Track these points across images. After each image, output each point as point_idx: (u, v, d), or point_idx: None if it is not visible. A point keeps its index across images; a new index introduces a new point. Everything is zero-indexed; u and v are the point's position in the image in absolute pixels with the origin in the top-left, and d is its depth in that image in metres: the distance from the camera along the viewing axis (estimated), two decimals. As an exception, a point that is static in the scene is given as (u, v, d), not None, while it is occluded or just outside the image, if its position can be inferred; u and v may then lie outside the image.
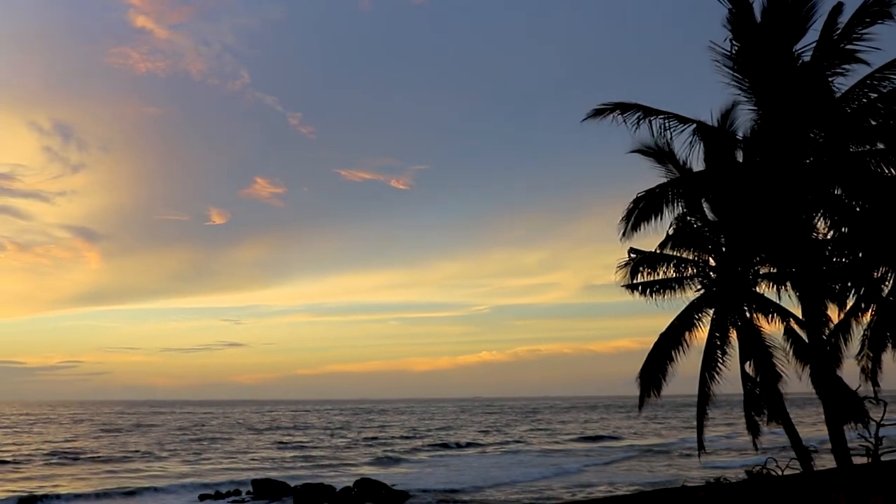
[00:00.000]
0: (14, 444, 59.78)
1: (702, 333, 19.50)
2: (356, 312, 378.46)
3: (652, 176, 18.96)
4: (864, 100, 14.84)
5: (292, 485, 32.48)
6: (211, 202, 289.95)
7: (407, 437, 70.14)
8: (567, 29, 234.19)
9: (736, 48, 14.91)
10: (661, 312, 19.99)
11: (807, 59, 14.85)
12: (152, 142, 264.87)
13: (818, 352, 15.93)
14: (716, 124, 17.11)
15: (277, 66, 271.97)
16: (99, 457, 47.05)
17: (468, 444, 60.49)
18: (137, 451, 51.54)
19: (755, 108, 15.68)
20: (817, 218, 15.77)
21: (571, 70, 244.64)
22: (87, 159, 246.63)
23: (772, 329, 19.47)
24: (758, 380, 19.15)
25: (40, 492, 31.88)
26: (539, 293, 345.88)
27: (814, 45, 14.74)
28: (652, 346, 19.78)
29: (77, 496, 31.05)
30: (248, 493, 32.07)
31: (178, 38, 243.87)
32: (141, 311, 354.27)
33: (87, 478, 37.75)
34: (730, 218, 18.28)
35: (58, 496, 30.75)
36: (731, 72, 15.26)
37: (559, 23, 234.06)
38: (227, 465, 44.67)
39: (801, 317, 17.50)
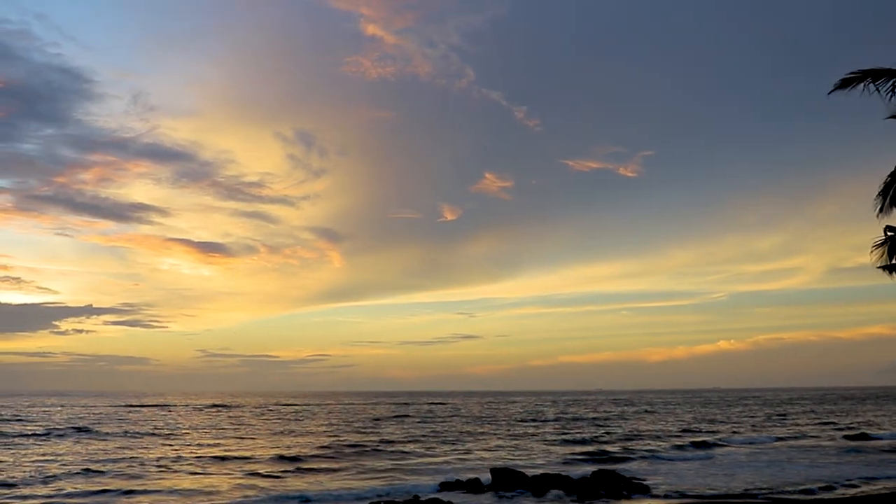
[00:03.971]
0: (287, 433, 65.81)
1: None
2: (587, 303, 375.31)
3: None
4: None
5: (529, 474, 33.15)
6: (442, 199, 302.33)
7: (649, 428, 68.49)
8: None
9: None
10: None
11: None
12: (385, 144, 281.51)
13: None
14: None
15: (502, 62, 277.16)
16: (364, 450, 49.29)
17: (723, 440, 56.08)
18: (390, 441, 54.74)
19: None
20: None
21: (809, 40, 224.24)
22: (327, 164, 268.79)
23: None
24: None
25: (316, 488, 32.67)
26: (779, 279, 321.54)
27: None
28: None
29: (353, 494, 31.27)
30: (486, 481, 33.11)
31: (405, 43, 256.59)
32: (380, 307, 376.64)
33: (355, 470, 39.53)
34: None
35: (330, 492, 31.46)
36: None
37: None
38: (468, 453, 46.36)
39: None
